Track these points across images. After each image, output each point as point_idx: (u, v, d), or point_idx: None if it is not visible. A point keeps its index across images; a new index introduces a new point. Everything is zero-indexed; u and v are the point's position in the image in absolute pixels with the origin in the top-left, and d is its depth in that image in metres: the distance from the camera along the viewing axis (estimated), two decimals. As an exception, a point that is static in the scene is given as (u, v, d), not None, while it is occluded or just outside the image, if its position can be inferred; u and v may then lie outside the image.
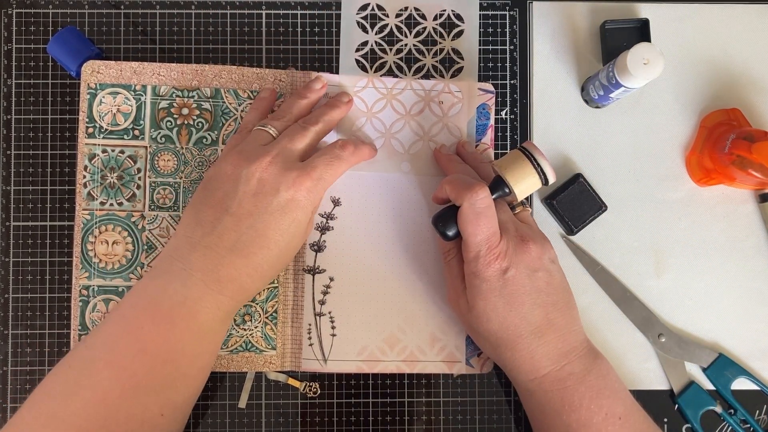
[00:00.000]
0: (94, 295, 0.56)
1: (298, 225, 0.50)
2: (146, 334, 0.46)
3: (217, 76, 0.58)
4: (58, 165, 0.59)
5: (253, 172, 0.49)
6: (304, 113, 0.56)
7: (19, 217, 0.58)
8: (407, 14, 0.61)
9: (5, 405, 0.57)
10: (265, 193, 0.48)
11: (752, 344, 0.60)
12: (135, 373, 0.46)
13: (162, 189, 0.57)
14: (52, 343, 0.58)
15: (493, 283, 0.50)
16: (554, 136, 0.60)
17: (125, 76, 0.57)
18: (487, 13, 0.61)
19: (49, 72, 0.59)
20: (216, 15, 0.60)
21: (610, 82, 0.54)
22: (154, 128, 0.57)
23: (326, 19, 0.61)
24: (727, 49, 0.61)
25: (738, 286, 0.60)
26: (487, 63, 0.61)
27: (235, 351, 0.57)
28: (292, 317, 0.58)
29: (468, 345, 0.59)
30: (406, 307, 0.59)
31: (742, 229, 0.60)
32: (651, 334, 0.59)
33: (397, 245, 0.59)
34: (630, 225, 0.60)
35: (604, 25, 0.60)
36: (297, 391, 0.59)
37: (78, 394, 0.45)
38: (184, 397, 0.49)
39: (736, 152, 0.54)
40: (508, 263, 0.50)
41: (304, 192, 0.49)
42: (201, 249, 0.48)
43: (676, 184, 0.60)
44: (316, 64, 0.60)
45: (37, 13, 0.59)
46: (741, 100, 0.60)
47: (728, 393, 0.59)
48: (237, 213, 0.48)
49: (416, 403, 0.59)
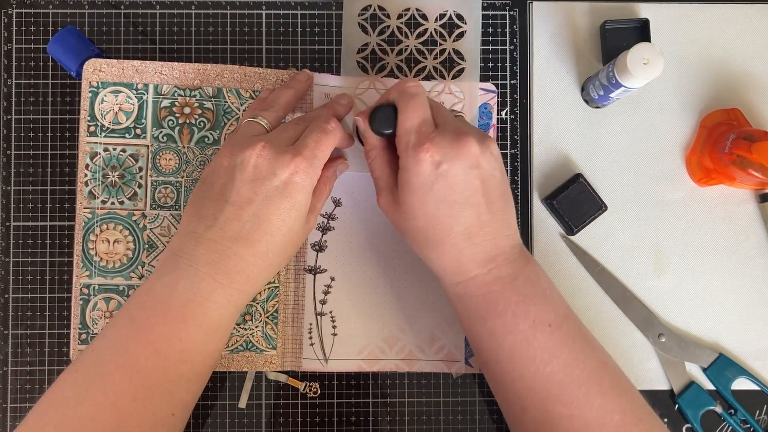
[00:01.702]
0: (94, 294, 0.56)
1: (299, 208, 0.49)
2: (158, 335, 0.46)
3: (219, 76, 0.58)
4: (58, 165, 0.59)
5: (247, 159, 0.48)
6: (291, 103, 0.55)
7: (19, 217, 0.58)
8: (409, 15, 0.61)
9: (5, 405, 0.57)
10: (262, 179, 0.48)
11: (752, 344, 0.60)
12: (149, 374, 0.45)
13: (163, 188, 0.57)
14: (52, 343, 0.58)
15: (424, 177, 0.47)
16: (554, 136, 0.60)
17: (127, 75, 0.57)
18: (487, 13, 0.61)
19: (49, 72, 0.59)
20: (216, 15, 0.60)
21: (610, 82, 0.54)
22: (156, 127, 0.57)
23: (326, 19, 0.61)
24: (727, 49, 0.61)
25: (738, 286, 0.60)
26: (487, 63, 0.61)
27: (235, 350, 0.57)
28: (293, 317, 0.58)
29: (467, 345, 0.59)
30: (406, 306, 0.59)
31: (742, 229, 0.60)
32: (651, 334, 0.59)
33: (397, 245, 0.59)
34: (630, 225, 0.60)
35: (604, 25, 0.60)
36: (297, 391, 0.59)
37: (88, 399, 0.44)
38: (193, 395, 0.49)
39: (736, 152, 0.54)
40: (441, 157, 0.47)
41: (301, 173, 0.49)
42: (205, 243, 0.48)
43: (676, 184, 0.60)
44: (316, 64, 0.61)
45: (37, 13, 0.59)
46: (741, 100, 0.60)
47: (728, 393, 0.59)
48: (237, 202, 0.48)
49: (416, 402, 0.59)
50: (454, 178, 0.47)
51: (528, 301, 0.48)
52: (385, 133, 0.51)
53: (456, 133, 0.48)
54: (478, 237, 0.48)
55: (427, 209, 0.48)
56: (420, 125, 0.49)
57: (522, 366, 0.47)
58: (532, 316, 0.47)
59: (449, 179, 0.47)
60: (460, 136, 0.48)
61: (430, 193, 0.48)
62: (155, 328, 0.46)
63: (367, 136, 0.53)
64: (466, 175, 0.48)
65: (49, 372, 0.58)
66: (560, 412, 0.46)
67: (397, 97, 0.50)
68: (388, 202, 0.52)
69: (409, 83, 0.50)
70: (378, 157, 0.53)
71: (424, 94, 0.50)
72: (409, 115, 0.49)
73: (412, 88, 0.50)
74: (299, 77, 0.57)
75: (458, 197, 0.48)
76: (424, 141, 0.48)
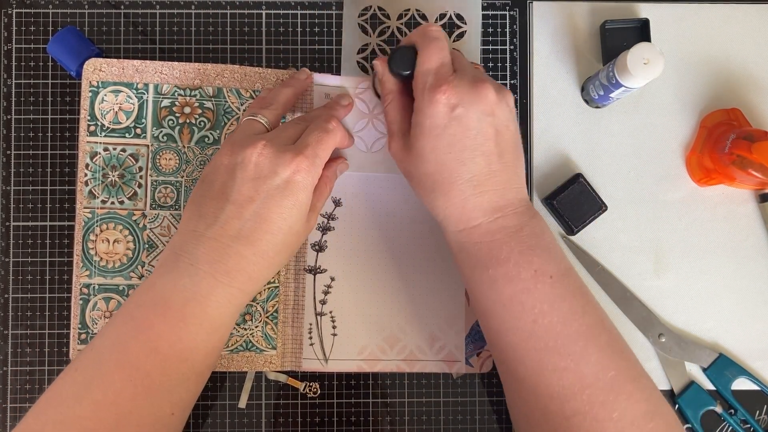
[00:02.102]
0: (94, 294, 0.56)
1: (301, 207, 0.49)
2: (158, 333, 0.46)
3: (219, 75, 0.58)
4: (58, 165, 0.59)
5: (249, 158, 0.48)
6: (290, 101, 0.55)
7: (19, 217, 0.58)
8: (409, 16, 0.61)
9: (5, 405, 0.57)
10: (263, 177, 0.48)
11: (752, 344, 0.60)
12: (149, 373, 0.45)
13: (163, 188, 0.57)
14: (52, 343, 0.58)
15: (437, 119, 0.47)
16: (554, 136, 0.60)
17: (127, 74, 0.57)
18: (487, 13, 0.61)
19: (49, 72, 0.59)
20: (216, 15, 0.60)
21: (610, 82, 0.54)
22: (156, 127, 0.57)
23: (326, 19, 0.61)
24: (727, 49, 0.61)
25: (738, 286, 0.60)
26: (487, 63, 0.61)
27: (235, 350, 0.57)
28: (293, 317, 0.58)
29: (467, 345, 0.59)
30: (406, 306, 0.59)
31: (742, 229, 0.60)
32: (651, 334, 0.59)
33: (397, 245, 0.59)
34: (630, 225, 0.60)
35: (604, 25, 0.60)
36: (297, 391, 0.59)
37: (87, 397, 0.44)
38: (193, 394, 0.49)
39: (737, 152, 0.54)
40: (457, 100, 0.47)
41: (302, 172, 0.49)
42: (206, 241, 0.47)
43: (676, 184, 0.60)
44: (316, 64, 0.61)
45: (37, 13, 0.59)
46: (741, 100, 0.61)
47: (728, 393, 0.59)
48: (238, 200, 0.48)
49: (416, 403, 0.59)
50: (467, 122, 0.47)
51: (531, 252, 0.47)
52: (403, 74, 0.51)
53: (474, 80, 0.48)
54: (485, 185, 0.48)
55: (438, 153, 0.48)
56: (439, 67, 0.48)
57: (521, 316, 0.47)
58: (535, 266, 0.47)
59: (463, 123, 0.47)
60: (477, 83, 0.48)
61: (442, 135, 0.48)
62: (155, 326, 0.46)
63: (385, 79, 0.53)
64: (480, 121, 0.47)
65: (49, 372, 0.58)
66: (555, 363, 0.46)
67: (418, 39, 0.50)
68: (400, 147, 0.52)
69: (432, 27, 0.50)
70: (394, 101, 0.53)
71: (445, 38, 0.50)
72: (428, 57, 0.49)
73: (434, 32, 0.50)
74: (298, 75, 0.57)
75: (470, 143, 0.47)
76: (441, 83, 0.48)
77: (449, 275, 0.59)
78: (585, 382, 0.45)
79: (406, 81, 0.52)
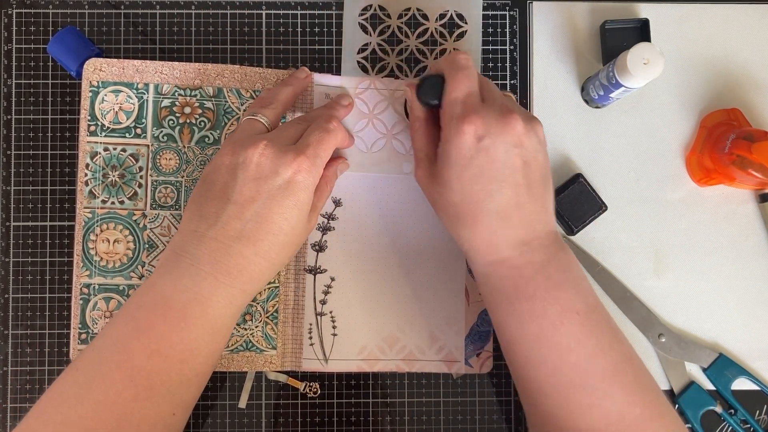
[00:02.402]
0: (94, 294, 0.56)
1: (302, 207, 0.49)
2: (159, 334, 0.45)
3: (219, 75, 0.58)
4: (58, 165, 0.59)
5: (250, 158, 0.48)
6: (290, 100, 0.55)
7: (19, 217, 0.58)
8: (409, 15, 0.61)
9: (5, 405, 0.57)
10: (264, 177, 0.48)
11: (752, 344, 0.60)
12: (149, 374, 0.45)
13: (163, 188, 0.57)
14: (52, 343, 0.58)
15: (464, 150, 0.47)
16: (554, 136, 0.60)
17: (128, 74, 0.57)
18: (487, 13, 0.61)
19: (49, 72, 0.59)
20: (216, 15, 0.60)
21: (610, 82, 0.54)
22: (156, 127, 0.57)
23: (326, 19, 0.61)
24: (727, 49, 0.61)
25: (738, 286, 0.60)
26: (487, 63, 0.61)
27: (235, 350, 0.57)
28: (293, 317, 0.58)
29: (467, 345, 0.59)
30: (406, 306, 0.59)
31: (742, 230, 0.60)
32: (651, 334, 0.59)
33: (397, 245, 0.59)
34: (630, 225, 0.60)
35: (604, 25, 0.60)
36: (297, 391, 0.59)
37: (88, 397, 0.44)
38: (194, 395, 0.49)
39: (736, 152, 0.54)
40: (484, 131, 0.47)
41: (303, 172, 0.48)
42: (207, 242, 0.47)
43: (676, 184, 0.60)
44: (317, 65, 0.61)
45: (37, 13, 0.59)
46: (741, 100, 0.61)
47: (728, 393, 0.59)
48: (239, 200, 0.48)
49: (416, 403, 0.59)
50: (495, 154, 0.47)
51: (558, 287, 0.47)
52: (431, 103, 0.51)
53: (502, 110, 0.48)
54: (513, 219, 0.47)
55: (464, 183, 0.48)
56: (466, 97, 0.48)
57: (546, 352, 0.47)
58: (561, 302, 0.47)
59: (490, 154, 0.47)
60: (505, 113, 0.47)
61: (468, 166, 0.47)
62: (156, 327, 0.46)
63: (414, 106, 0.53)
64: (507, 152, 0.47)
65: (49, 372, 0.58)
66: (581, 400, 0.46)
67: (446, 67, 0.50)
68: (425, 175, 0.52)
69: (460, 55, 0.50)
70: (421, 128, 0.53)
71: (473, 67, 0.50)
72: (456, 86, 0.49)
73: (462, 60, 0.50)
74: (298, 74, 0.57)
75: (497, 174, 0.47)
76: (469, 113, 0.47)
77: (449, 275, 0.59)
78: (610, 419, 0.45)
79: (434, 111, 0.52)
